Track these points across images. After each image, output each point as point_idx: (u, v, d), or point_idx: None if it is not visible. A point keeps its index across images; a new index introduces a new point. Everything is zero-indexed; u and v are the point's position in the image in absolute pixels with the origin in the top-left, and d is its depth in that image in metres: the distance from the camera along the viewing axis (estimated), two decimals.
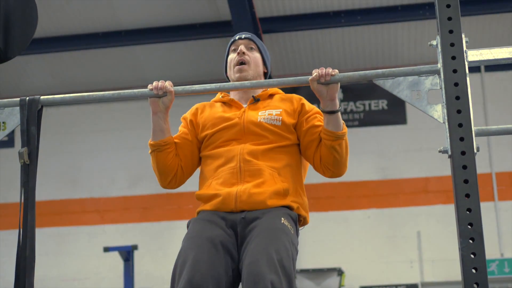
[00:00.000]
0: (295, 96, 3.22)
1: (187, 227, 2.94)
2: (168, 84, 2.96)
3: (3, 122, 2.83)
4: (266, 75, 3.33)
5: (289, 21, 8.91)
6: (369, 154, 9.58)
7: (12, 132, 2.91)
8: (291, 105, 3.15)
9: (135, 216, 9.83)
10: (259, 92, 3.23)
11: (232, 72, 3.24)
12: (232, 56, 3.28)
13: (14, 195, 9.00)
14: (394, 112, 9.75)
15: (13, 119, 2.85)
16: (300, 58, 9.65)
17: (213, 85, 2.93)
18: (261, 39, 8.84)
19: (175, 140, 3.13)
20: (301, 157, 3.14)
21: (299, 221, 3.00)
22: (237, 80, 3.19)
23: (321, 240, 9.05)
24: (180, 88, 2.96)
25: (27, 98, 2.85)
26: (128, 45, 9.40)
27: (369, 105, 9.82)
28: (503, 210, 9.12)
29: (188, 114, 3.23)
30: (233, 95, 3.26)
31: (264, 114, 3.08)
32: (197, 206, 3.06)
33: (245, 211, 2.87)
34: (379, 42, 9.39)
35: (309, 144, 3.05)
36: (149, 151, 3.08)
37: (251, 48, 3.27)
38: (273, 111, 3.10)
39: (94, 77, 9.99)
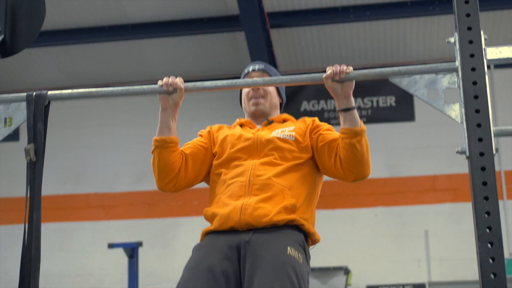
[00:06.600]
0: (307, 117, 3.19)
1: (192, 251, 2.88)
2: (178, 80, 2.89)
3: (9, 118, 2.77)
4: (281, 105, 3.31)
5: (297, 16, 8.84)
6: (377, 151, 9.48)
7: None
8: (304, 124, 3.12)
9: (140, 212, 9.77)
10: (273, 116, 3.21)
11: (247, 106, 3.21)
12: (247, 90, 3.23)
13: (18, 190, 8.97)
14: (402, 109, 9.68)
15: (19, 115, 2.79)
16: (308, 54, 9.58)
17: (224, 82, 2.88)
18: (268, 34, 8.77)
19: (189, 145, 3.09)
20: (314, 176, 3.06)
21: (309, 241, 2.92)
22: (253, 114, 3.20)
23: (327, 239, 8.91)
24: (190, 84, 2.89)
25: (34, 93, 2.78)
26: (135, 39, 9.35)
27: (377, 101, 9.74)
28: None
29: (207, 128, 3.21)
30: (248, 117, 3.26)
31: (277, 131, 3.05)
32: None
33: (250, 230, 2.79)
34: (388, 38, 9.31)
35: (321, 150, 2.98)
36: (152, 148, 3.00)
37: None
38: (286, 128, 3.07)
39: (101, 71, 9.94)
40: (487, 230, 2.42)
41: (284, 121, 3.20)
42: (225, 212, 2.83)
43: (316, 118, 3.16)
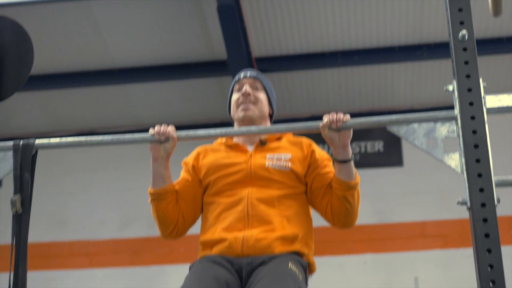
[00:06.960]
0: (305, 140, 3.09)
1: (189, 269, 2.79)
2: (170, 129, 2.81)
3: None
4: (271, 116, 3.21)
5: (284, 61, 8.82)
6: (365, 197, 9.29)
7: None
8: (301, 151, 3.02)
9: (125, 260, 9.59)
10: (265, 134, 3.10)
11: (236, 113, 3.09)
12: (236, 96, 3.12)
13: (1, 237, 8.72)
14: (390, 154, 9.63)
15: (5, 164, 2.72)
16: (296, 99, 9.56)
17: (218, 130, 2.81)
18: None
19: (176, 187, 2.99)
20: (308, 204, 3.01)
21: (308, 269, 2.89)
22: (241, 121, 3.06)
23: (315, 287, 8.83)
24: (183, 133, 2.81)
25: (21, 142, 2.70)
26: (121, 84, 9.28)
27: (365, 146, 9.71)
28: (503, 256, 8.94)
29: (189, 159, 3.09)
30: (237, 138, 3.13)
31: (272, 158, 2.96)
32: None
33: (251, 256, 2.73)
34: (376, 82, 9.31)
35: (316, 191, 2.94)
36: (149, 199, 2.93)
37: (257, 88, 3.12)
38: (282, 155, 2.97)
39: (86, 116, 9.85)
40: (491, 284, 2.36)
41: (279, 138, 3.11)
42: (225, 244, 2.79)
43: (314, 146, 3.07)
